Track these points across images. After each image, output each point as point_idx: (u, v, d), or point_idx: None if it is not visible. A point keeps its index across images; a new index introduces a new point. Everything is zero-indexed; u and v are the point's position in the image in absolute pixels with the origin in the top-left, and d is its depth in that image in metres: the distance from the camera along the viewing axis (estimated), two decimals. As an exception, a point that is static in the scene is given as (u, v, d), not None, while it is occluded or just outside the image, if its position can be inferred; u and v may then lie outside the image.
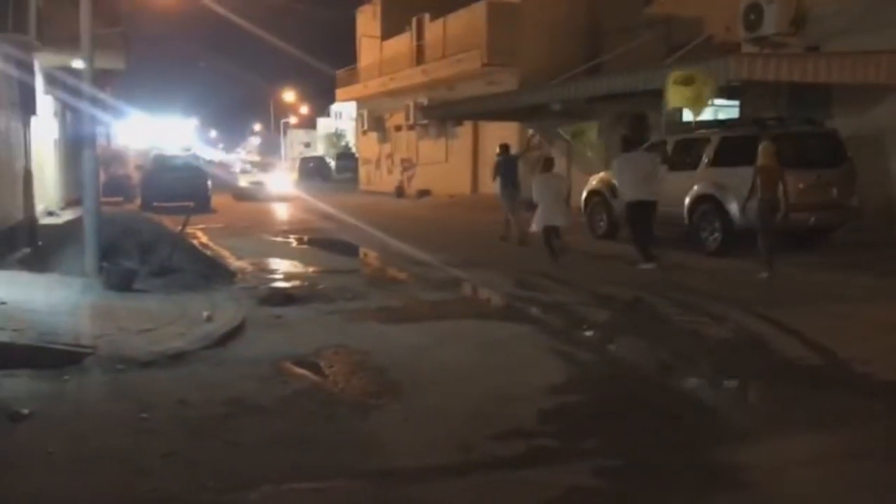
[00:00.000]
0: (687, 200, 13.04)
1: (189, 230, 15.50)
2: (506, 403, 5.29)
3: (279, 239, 16.10)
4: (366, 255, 14.08)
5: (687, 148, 13.60)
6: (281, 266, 12.19)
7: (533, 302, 9.00)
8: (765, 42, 14.95)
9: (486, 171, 25.53)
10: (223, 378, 5.86)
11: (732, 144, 12.69)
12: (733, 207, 12.26)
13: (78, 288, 8.40)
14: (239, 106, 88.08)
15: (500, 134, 24.19)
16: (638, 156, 12.18)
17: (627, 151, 12.17)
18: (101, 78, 19.82)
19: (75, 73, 16.19)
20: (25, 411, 4.88)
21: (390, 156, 32.87)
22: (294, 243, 15.61)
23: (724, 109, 17.16)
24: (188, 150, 32.31)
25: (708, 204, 12.74)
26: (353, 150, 74.41)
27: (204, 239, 15.26)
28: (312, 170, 48.06)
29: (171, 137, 56.04)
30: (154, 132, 56.05)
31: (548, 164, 12.73)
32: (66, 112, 17.72)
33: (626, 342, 7.26)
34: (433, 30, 27.14)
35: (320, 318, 8.12)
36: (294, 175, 50.18)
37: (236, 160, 51.03)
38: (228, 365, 6.22)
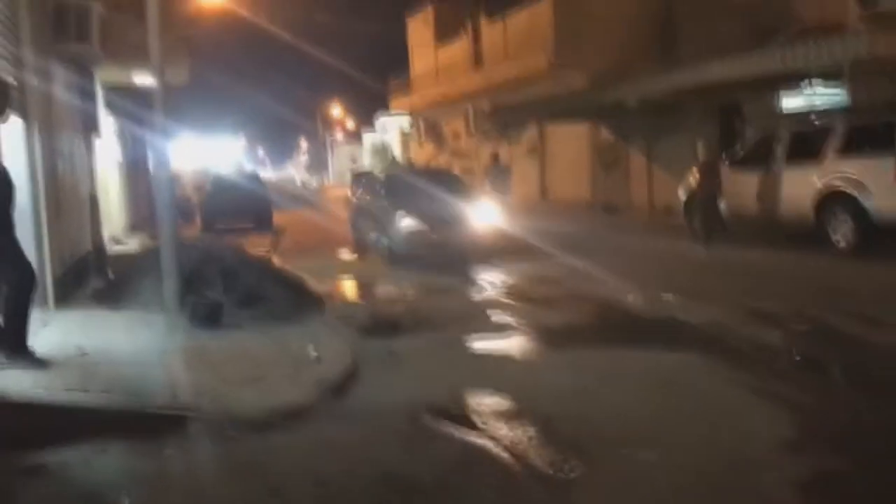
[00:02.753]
0: (811, 196, 11.61)
1: (257, 252, 14.59)
2: (743, 471, 3.99)
3: (355, 258, 14.91)
4: (458, 270, 12.68)
5: (807, 139, 12.13)
6: (369, 288, 11.04)
7: (679, 321, 7.68)
8: (882, 18, 13.40)
9: (555, 175, 24.37)
10: (358, 441, 4.66)
11: (864, 132, 11.24)
12: (869, 203, 10.82)
13: (161, 327, 7.30)
14: (285, 123, 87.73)
15: (570, 135, 22.97)
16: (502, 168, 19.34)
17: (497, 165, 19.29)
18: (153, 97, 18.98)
19: (133, 91, 15.31)
20: (127, 508, 3.72)
21: (449, 163, 31.67)
22: (375, 261, 14.41)
23: (821, 97, 15.65)
24: (243, 167, 31.39)
25: (838, 199, 11.29)
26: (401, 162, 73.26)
27: (276, 261, 14.16)
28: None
29: (220, 157, 55.70)
30: (203, 152, 55.74)
31: (494, 159, 19.78)
32: (124, 133, 16.86)
33: (833, 372, 5.90)
34: (491, 31, 25.93)
35: (439, 352, 6.91)
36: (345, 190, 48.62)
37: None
38: (357, 421, 5.03)
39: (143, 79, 12.57)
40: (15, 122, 7.06)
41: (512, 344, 7.14)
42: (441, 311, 8.72)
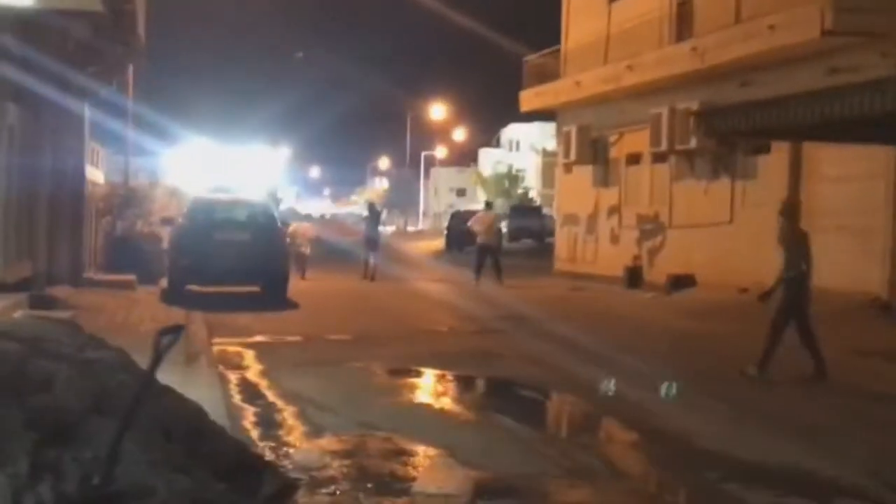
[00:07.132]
0: None
1: (234, 348, 13.25)
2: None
3: (405, 379, 12.66)
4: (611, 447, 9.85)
5: None
6: (409, 469, 8.01)
7: None
8: None
9: (819, 245, 20.98)
10: None
11: None
12: None
13: None
14: (356, 129, 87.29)
15: (851, 168, 20.23)
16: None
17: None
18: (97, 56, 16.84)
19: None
20: None
21: (617, 209, 29.01)
22: (442, 393, 11.98)
23: None
24: (276, 193, 30.45)
25: None
26: (537, 200, 71.29)
27: (255, 370, 12.23)
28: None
29: (249, 174, 55.15)
30: (226, 166, 55.60)
31: (487, 206, 34.40)
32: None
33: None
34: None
35: None
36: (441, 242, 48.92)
37: None
38: None
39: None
40: None
41: None
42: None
